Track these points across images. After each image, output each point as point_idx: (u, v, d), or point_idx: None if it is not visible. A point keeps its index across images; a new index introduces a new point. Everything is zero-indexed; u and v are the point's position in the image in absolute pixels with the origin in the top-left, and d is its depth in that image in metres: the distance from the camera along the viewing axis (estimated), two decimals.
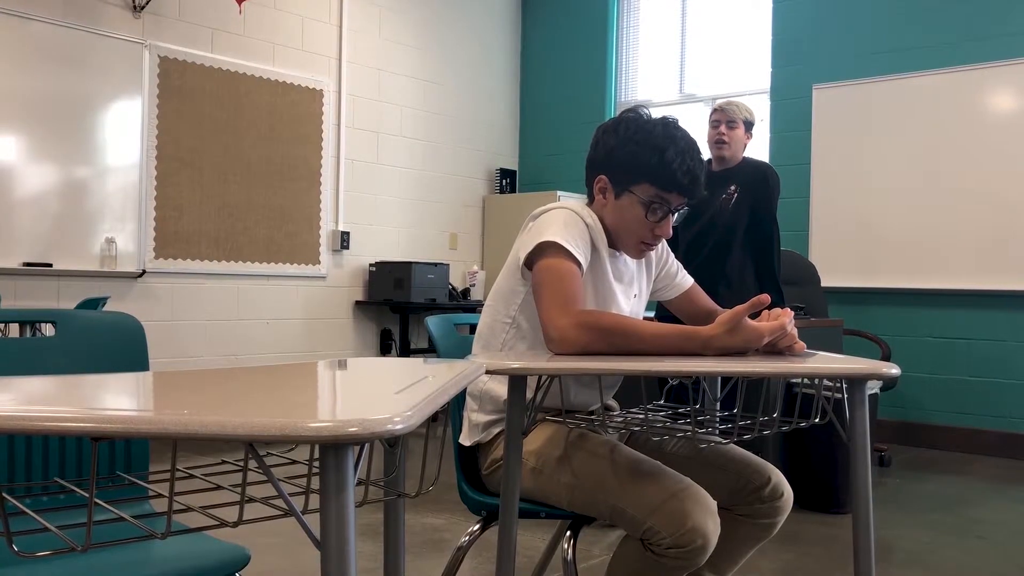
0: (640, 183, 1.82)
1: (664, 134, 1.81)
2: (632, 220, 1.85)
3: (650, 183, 1.81)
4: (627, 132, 1.84)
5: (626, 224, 1.86)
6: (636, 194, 1.83)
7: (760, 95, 6.23)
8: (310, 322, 6.02)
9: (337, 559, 0.85)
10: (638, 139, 1.82)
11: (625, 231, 1.87)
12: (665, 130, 1.82)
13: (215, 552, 1.44)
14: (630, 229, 1.86)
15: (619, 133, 1.85)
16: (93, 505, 0.89)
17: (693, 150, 1.82)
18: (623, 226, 1.87)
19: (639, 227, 1.85)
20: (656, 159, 1.79)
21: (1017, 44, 5.18)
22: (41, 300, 4.75)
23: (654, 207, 1.82)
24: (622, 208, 1.86)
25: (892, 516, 3.72)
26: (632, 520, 1.65)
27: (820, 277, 4.91)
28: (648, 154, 1.80)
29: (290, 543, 3.14)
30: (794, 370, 1.51)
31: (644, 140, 1.81)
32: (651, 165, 1.80)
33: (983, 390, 5.28)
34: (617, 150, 1.85)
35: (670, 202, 1.83)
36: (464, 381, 1.18)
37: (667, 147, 1.79)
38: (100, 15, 4.97)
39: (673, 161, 1.79)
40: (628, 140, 1.83)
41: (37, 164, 4.72)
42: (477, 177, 7.17)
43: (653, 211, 1.83)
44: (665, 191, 1.81)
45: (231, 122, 5.55)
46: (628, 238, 1.88)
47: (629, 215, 1.85)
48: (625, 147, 1.83)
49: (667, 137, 1.81)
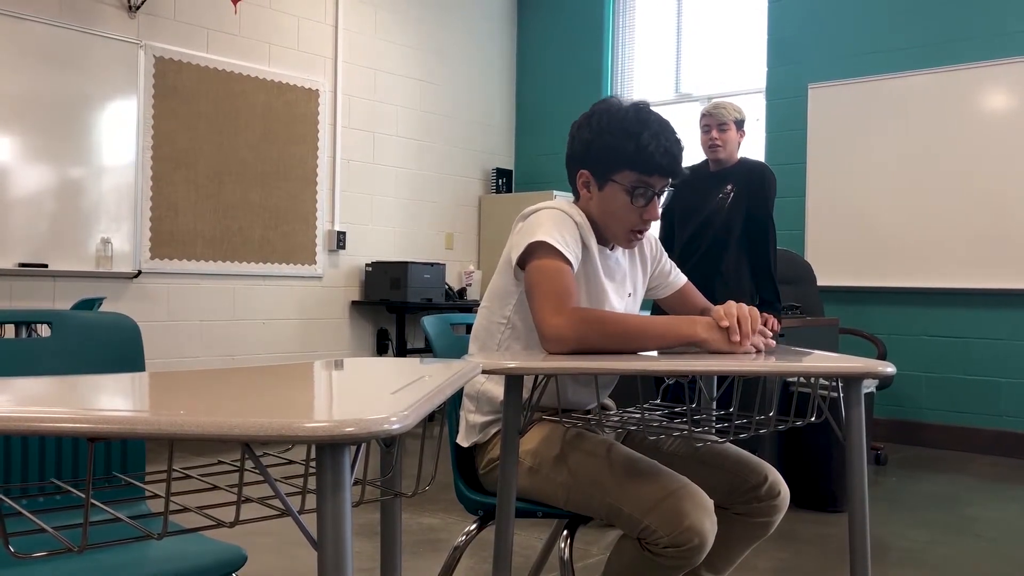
0: (620, 171, 1.83)
1: (636, 119, 1.82)
2: (619, 209, 1.86)
3: (630, 169, 1.82)
4: (600, 123, 1.85)
5: (613, 214, 1.87)
6: (619, 182, 1.84)
7: (756, 94, 6.23)
8: (306, 322, 6.01)
9: (334, 559, 0.85)
10: (612, 128, 1.83)
11: (613, 221, 1.88)
12: (637, 115, 1.83)
13: (212, 552, 1.44)
14: (618, 218, 1.87)
15: (592, 126, 1.87)
16: (89, 506, 0.89)
17: (667, 130, 1.83)
18: (611, 216, 1.87)
19: (627, 214, 1.86)
20: (632, 145, 1.80)
21: (1012, 43, 5.19)
22: (37, 301, 4.74)
23: (638, 192, 1.83)
24: (607, 199, 1.86)
25: (888, 515, 3.72)
26: (629, 519, 1.65)
27: (816, 276, 4.92)
28: (623, 141, 1.81)
29: (287, 543, 3.14)
30: (790, 369, 1.52)
31: (618, 128, 1.82)
32: (628, 151, 1.81)
33: (979, 389, 5.29)
34: (593, 143, 1.86)
35: (653, 185, 1.84)
36: (461, 381, 1.18)
37: (641, 131, 1.80)
38: (95, 15, 4.96)
39: (649, 144, 1.80)
40: (602, 131, 1.84)
41: (32, 164, 4.71)
42: (473, 177, 7.17)
43: (638, 196, 1.83)
44: (646, 174, 1.82)
45: (227, 122, 5.54)
46: (617, 228, 1.88)
47: (615, 204, 1.86)
48: (600, 138, 1.85)
49: (639, 121, 1.82)
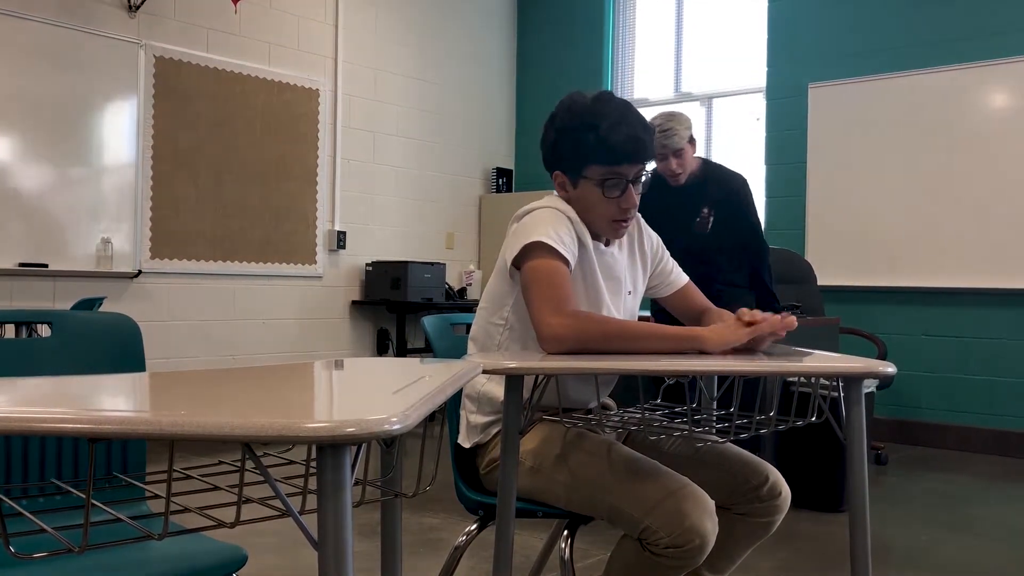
0: (588, 166, 1.83)
1: (593, 111, 1.81)
2: (595, 203, 1.85)
3: (596, 163, 1.82)
4: (561, 122, 1.85)
5: (591, 209, 1.86)
6: (589, 177, 1.83)
7: (756, 94, 6.23)
8: (307, 322, 6.01)
9: (334, 559, 0.85)
10: (572, 125, 1.83)
11: (593, 216, 1.87)
12: (595, 106, 1.82)
13: (212, 553, 1.44)
14: (596, 212, 1.86)
15: (555, 125, 1.87)
16: (90, 506, 0.88)
17: (629, 115, 1.81)
18: (590, 211, 1.87)
19: (603, 208, 1.85)
20: (593, 138, 1.79)
21: (1012, 42, 5.19)
22: (37, 301, 4.74)
23: (609, 184, 1.82)
24: (582, 195, 1.86)
25: (889, 514, 3.72)
26: (630, 519, 1.65)
27: (816, 276, 4.92)
28: (584, 135, 1.80)
29: (287, 543, 3.14)
30: (791, 369, 1.52)
31: (577, 124, 1.82)
32: (590, 145, 1.80)
33: (979, 388, 5.29)
34: (558, 142, 1.86)
35: (624, 174, 1.82)
36: (461, 381, 1.18)
37: (599, 123, 1.79)
38: (95, 15, 4.96)
39: (609, 134, 1.78)
40: (564, 129, 1.84)
41: (32, 164, 4.71)
42: (473, 176, 7.17)
43: (610, 188, 1.83)
44: (614, 165, 1.81)
45: (227, 122, 5.54)
46: (599, 221, 1.88)
47: (590, 199, 1.85)
48: (563, 137, 1.84)
49: (597, 113, 1.80)
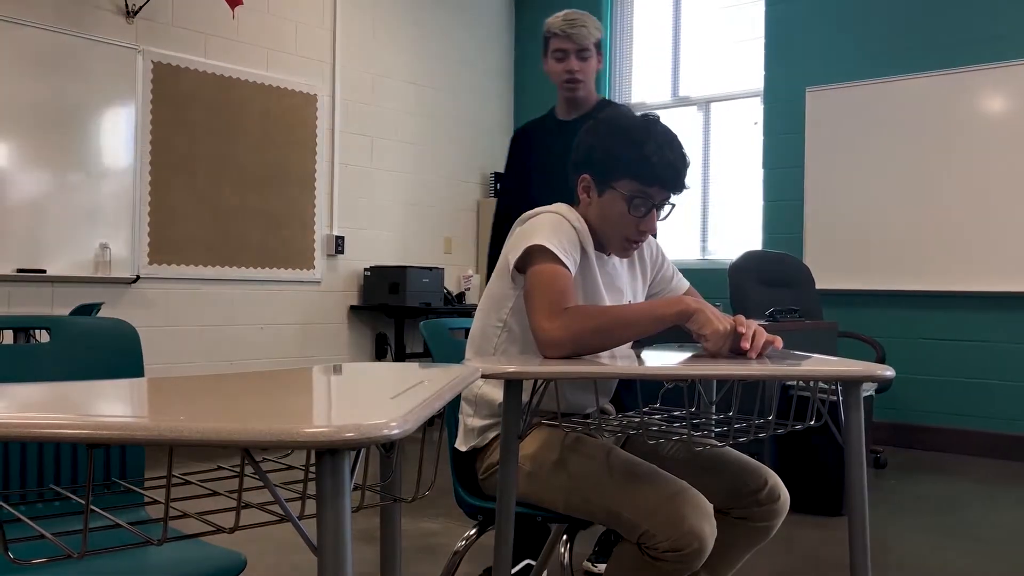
0: (621, 179, 1.82)
1: (643, 128, 1.82)
2: (616, 216, 1.85)
3: (631, 178, 1.81)
4: (606, 129, 1.86)
5: (610, 221, 1.86)
6: (618, 190, 1.83)
7: (753, 98, 6.24)
8: (305, 327, 6.01)
9: (334, 564, 0.85)
10: (617, 135, 1.83)
11: (610, 228, 1.87)
12: (644, 125, 1.83)
13: (211, 558, 1.44)
14: (614, 226, 1.86)
15: (599, 131, 1.87)
16: (89, 512, 0.88)
17: (673, 143, 1.82)
18: (608, 223, 1.87)
19: (623, 223, 1.85)
20: (635, 153, 1.80)
21: (1009, 46, 5.20)
22: (35, 306, 4.74)
23: (636, 202, 1.82)
24: (605, 205, 1.86)
25: (888, 518, 3.72)
26: (628, 523, 1.65)
27: (815, 279, 4.92)
28: (627, 149, 1.81)
29: (287, 549, 3.13)
30: (790, 372, 1.52)
31: (623, 136, 1.82)
32: (631, 160, 1.80)
33: (977, 391, 5.29)
34: (597, 148, 1.86)
35: (652, 196, 1.83)
36: (460, 385, 1.18)
37: (646, 141, 1.80)
38: (93, 21, 4.96)
39: (652, 155, 1.79)
40: (607, 137, 1.85)
41: (30, 170, 4.71)
42: (471, 181, 7.17)
43: (636, 207, 1.83)
44: (647, 185, 1.81)
45: (225, 127, 5.54)
46: (613, 236, 1.88)
47: (613, 212, 1.85)
48: (604, 144, 1.85)
49: (645, 131, 1.81)
